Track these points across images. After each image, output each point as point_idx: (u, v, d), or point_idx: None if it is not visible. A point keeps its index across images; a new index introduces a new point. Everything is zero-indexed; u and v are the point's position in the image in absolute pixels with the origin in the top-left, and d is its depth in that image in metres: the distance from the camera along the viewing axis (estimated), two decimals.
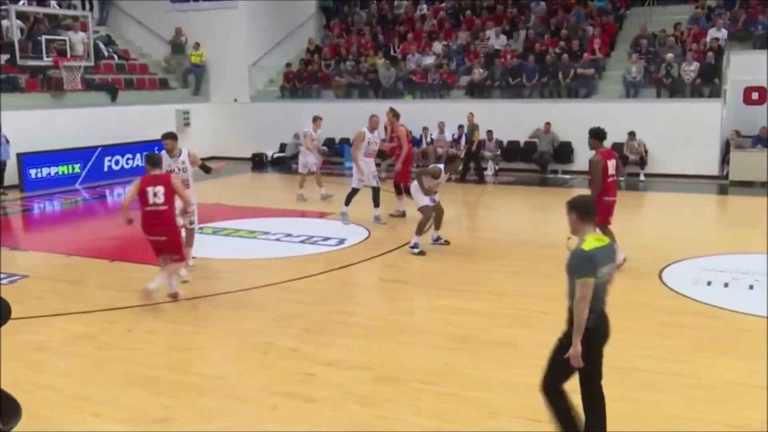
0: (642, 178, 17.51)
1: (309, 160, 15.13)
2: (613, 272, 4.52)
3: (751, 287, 8.48)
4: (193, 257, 9.75)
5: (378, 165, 13.16)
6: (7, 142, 16.06)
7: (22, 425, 4.29)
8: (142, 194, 7.86)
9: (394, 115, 13.48)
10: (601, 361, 4.53)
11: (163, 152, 9.24)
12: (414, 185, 10.51)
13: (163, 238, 7.91)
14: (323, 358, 6.50)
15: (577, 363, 4.36)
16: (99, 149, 18.53)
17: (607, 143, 17.28)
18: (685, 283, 8.69)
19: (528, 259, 9.98)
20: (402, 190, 13.05)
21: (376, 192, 12.53)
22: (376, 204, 12.51)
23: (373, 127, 12.43)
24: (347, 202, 12.43)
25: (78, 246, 11.14)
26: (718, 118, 17.47)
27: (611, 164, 9.33)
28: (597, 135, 9.37)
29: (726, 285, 8.62)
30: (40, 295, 8.56)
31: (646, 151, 17.66)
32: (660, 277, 8.97)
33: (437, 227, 10.79)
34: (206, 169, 9.86)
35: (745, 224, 12.99)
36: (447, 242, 10.81)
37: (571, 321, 4.43)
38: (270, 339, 7.00)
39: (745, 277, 8.86)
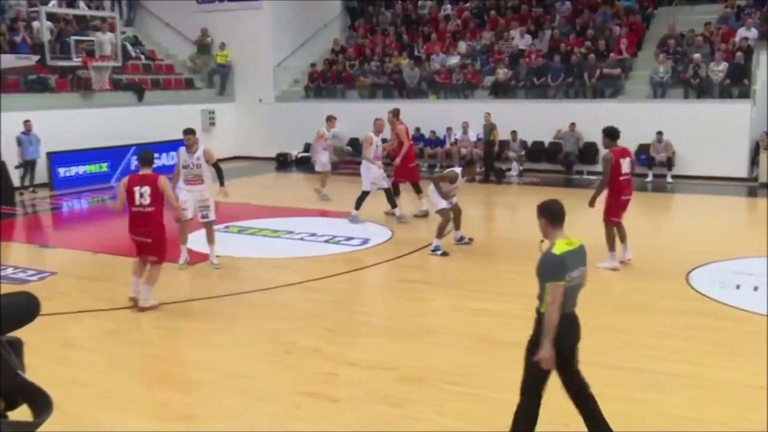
0: (669, 179, 17.31)
1: (322, 159, 15.25)
2: (584, 276, 4.53)
3: None
4: (218, 255, 9.83)
5: (387, 165, 13.25)
6: (37, 141, 16.29)
7: (53, 420, 4.36)
8: (129, 194, 7.72)
9: (394, 115, 13.64)
10: (575, 359, 4.56)
11: (182, 148, 9.64)
12: (431, 188, 10.53)
13: (149, 240, 7.74)
14: (346, 357, 6.51)
15: (547, 365, 4.36)
16: (129, 148, 18.67)
17: (634, 144, 17.36)
18: (712, 286, 8.57)
19: None
20: (399, 190, 13.47)
21: (388, 193, 12.68)
22: (393, 204, 12.62)
23: (378, 131, 12.63)
24: (358, 206, 12.47)
25: (105, 244, 11.26)
26: (747, 119, 17.21)
27: (625, 162, 9.39)
28: (610, 134, 9.48)
29: (756, 288, 8.49)
30: (68, 292, 8.68)
31: (673, 153, 17.47)
32: (687, 280, 8.87)
33: (457, 227, 10.80)
34: (218, 169, 9.96)
35: None
36: (470, 240, 10.84)
37: (538, 323, 4.45)
38: (293, 338, 7.04)
39: None
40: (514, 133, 18.66)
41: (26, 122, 16.08)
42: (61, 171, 17.45)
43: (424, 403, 5.54)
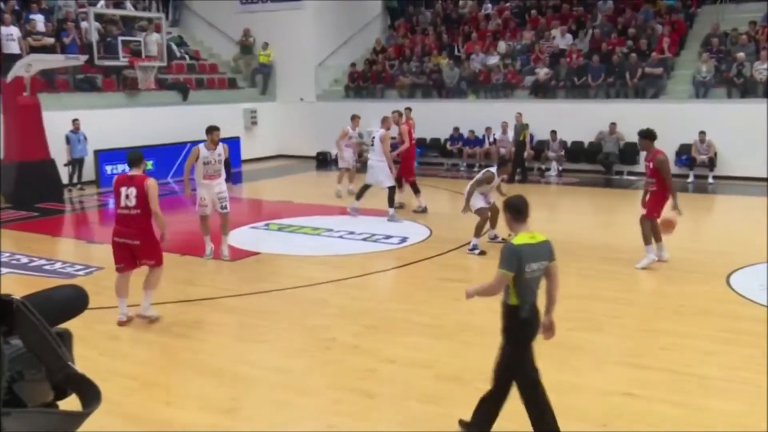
0: (711, 180, 17.03)
1: (346, 156, 15.40)
2: (550, 269, 4.70)
3: None
4: (258, 252, 9.96)
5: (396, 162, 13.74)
6: (85, 139, 16.64)
7: (99, 412, 4.48)
8: (115, 195, 7.31)
9: (400, 115, 14.12)
10: (531, 352, 4.68)
11: (201, 145, 10.00)
12: (468, 189, 10.63)
13: (136, 242, 7.23)
14: (385, 354, 6.56)
15: (469, 296, 5.09)
16: (174, 146, 18.91)
17: (675, 144, 17.12)
18: (754, 288, 8.42)
19: (593, 261, 9.83)
20: (402, 184, 13.79)
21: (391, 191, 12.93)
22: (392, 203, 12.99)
23: (387, 128, 13.09)
24: (391, 203, 12.71)
25: None
26: None
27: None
28: (648, 135, 9.48)
29: None
30: (114, 287, 8.85)
31: (716, 153, 17.17)
32: (728, 282, 8.73)
33: (493, 225, 10.85)
34: (227, 165, 10.35)
35: None
36: (504, 240, 10.82)
37: (504, 315, 4.72)
38: (333, 335, 7.11)
39: None
40: (553, 133, 18.52)
41: (74, 121, 16.43)
42: (108, 168, 17.77)
43: (460, 401, 5.55)
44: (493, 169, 10.70)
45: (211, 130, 10.06)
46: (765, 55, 17.56)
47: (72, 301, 1.66)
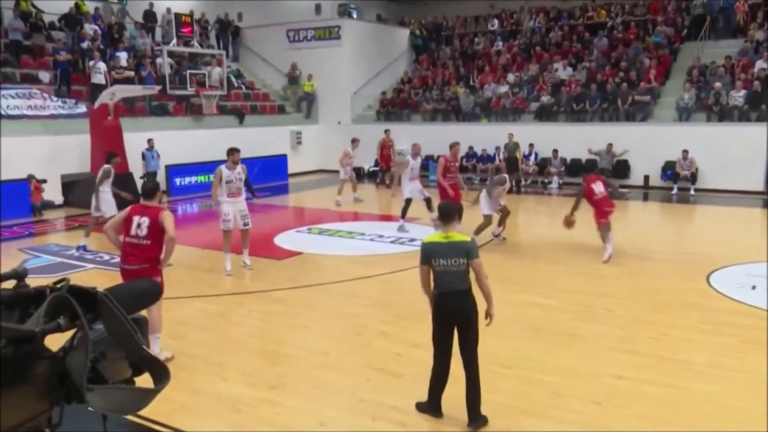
0: (693, 192, 16.71)
1: (345, 171, 16.03)
2: (473, 266, 4.62)
3: None
4: (302, 252, 9.92)
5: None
6: (158, 156, 16.83)
7: (168, 386, 4.52)
8: (126, 223, 6.11)
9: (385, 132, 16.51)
10: (464, 334, 4.63)
11: (223, 166, 9.34)
12: (483, 194, 10.83)
13: (145, 266, 5.95)
14: (410, 340, 6.50)
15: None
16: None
17: (661, 161, 16.86)
18: (731, 286, 8.24)
19: (591, 262, 9.69)
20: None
21: (428, 202, 12.21)
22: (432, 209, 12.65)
23: (416, 154, 12.52)
24: (403, 215, 12.14)
25: (211, 241, 11.55)
26: (764, 139, 16.42)
27: (596, 187, 10.05)
28: (585, 169, 10.08)
29: None
30: (181, 280, 8.92)
31: (696, 169, 16.86)
32: (708, 281, 8.54)
33: (500, 224, 10.99)
34: (248, 184, 9.66)
35: None
36: (504, 239, 11.04)
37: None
38: (365, 322, 7.08)
39: None
40: (555, 151, 18.34)
41: (149, 140, 16.63)
42: (177, 181, 17.99)
43: None
44: (506, 176, 11.10)
45: (232, 151, 9.35)
46: (740, 85, 17.23)
47: (147, 292, 1.66)
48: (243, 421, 4.90)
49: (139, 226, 6.03)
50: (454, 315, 4.64)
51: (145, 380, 1.43)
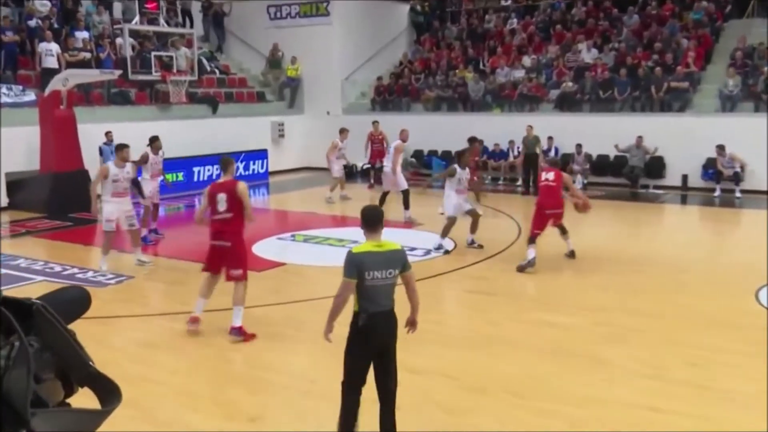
0: (738, 194, 16.77)
1: (335, 167, 16.29)
2: (405, 278, 4.71)
3: None
4: (285, 263, 9.97)
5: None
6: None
7: (129, 415, 4.57)
8: (211, 202, 7.39)
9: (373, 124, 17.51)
10: (386, 360, 4.70)
11: (110, 163, 10.40)
12: (445, 192, 11.20)
13: (228, 244, 7.34)
14: (410, 364, 6.52)
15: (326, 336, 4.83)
16: (203, 158, 19.11)
17: (701, 158, 16.93)
18: None
19: (618, 275, 9.74)
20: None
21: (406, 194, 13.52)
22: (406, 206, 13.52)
23: (404, 139, 14.01)
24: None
25: (180, 250, 11.57)
26: None
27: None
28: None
29: None
30: (144, 295, 8.96)
31: (742, 167, 16.92)
32: (757, 297, 8.59)
33: (472, 231, 11.19)
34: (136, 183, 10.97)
35: None
36: (480, 246, 11.20)
37: (352, 322, 4.72)
38: None
39: None
40: (578, 146, 18.37)
41: (108, 133, 16.61)
42: (140, 179, 17.95)
43: (484, 413, 5.53)
44: (455, 167, 11.16)
45: (121, 147, 10.14)
46: None
47: (78, 301, 1.67)
48: None
49: (219, 202, 7.21)
50: (380, 340, 4.65)
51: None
